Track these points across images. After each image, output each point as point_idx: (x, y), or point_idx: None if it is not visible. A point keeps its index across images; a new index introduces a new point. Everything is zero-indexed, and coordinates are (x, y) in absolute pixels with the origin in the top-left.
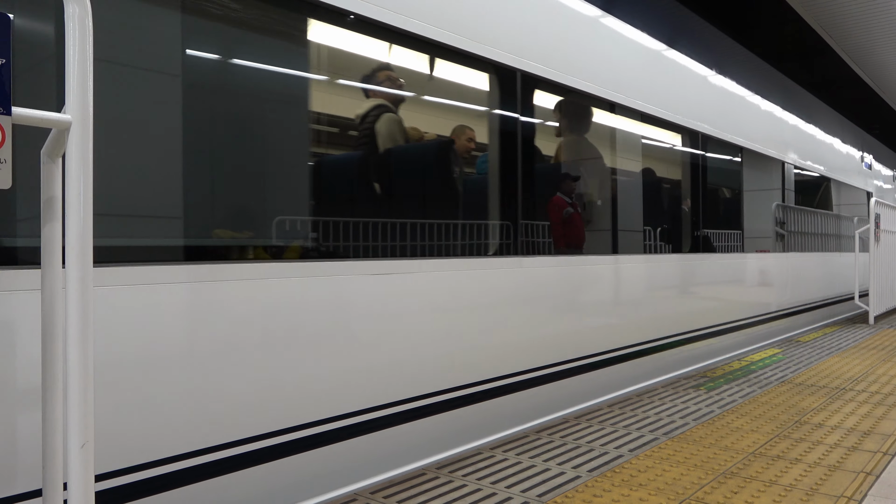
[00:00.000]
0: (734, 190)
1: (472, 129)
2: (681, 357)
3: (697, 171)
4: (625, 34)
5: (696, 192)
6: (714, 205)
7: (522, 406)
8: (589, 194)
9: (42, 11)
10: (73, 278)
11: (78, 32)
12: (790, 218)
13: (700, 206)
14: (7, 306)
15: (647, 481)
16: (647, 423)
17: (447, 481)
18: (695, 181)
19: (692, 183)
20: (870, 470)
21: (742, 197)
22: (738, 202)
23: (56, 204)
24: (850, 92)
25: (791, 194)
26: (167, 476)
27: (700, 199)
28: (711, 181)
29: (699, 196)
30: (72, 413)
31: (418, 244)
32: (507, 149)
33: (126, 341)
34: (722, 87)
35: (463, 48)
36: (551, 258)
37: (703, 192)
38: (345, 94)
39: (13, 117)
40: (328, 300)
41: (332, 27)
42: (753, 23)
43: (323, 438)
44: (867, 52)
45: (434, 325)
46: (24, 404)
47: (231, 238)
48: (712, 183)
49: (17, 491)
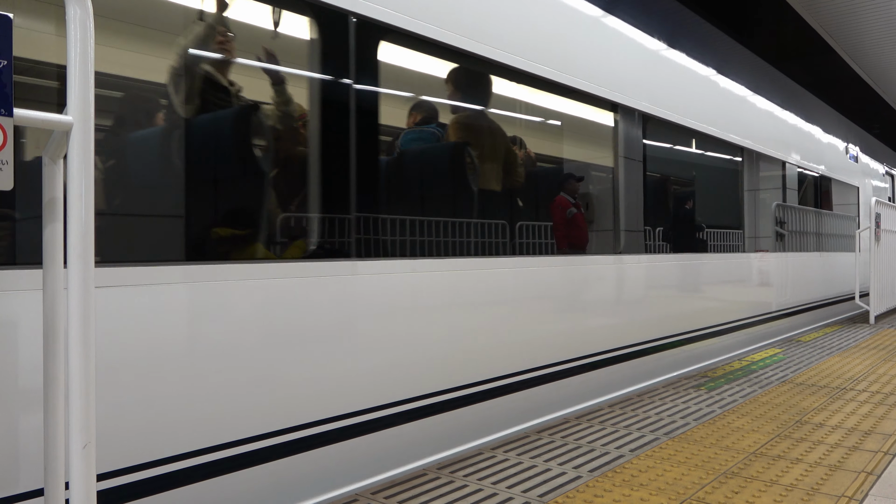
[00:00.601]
0: (672, 177)
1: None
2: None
3: (617, 152)
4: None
5: (625, 180)
6: (646, 195)
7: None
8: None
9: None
10: (74, 279)
11: (79, 34)
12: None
13: (623, 194)
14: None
15: (647, 481)
16: (647, 423)
17: (448, 481)
18: (616, 166)
19: (617, 167)
20: (871, 470)
21: (669, 189)
22: (665, 191)
23: (58, 205)
24: (850, 91)
25: (754, 191)
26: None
27: (635, 188)
28: (651, 169)
29: (635, 185)
30: (73, 414)
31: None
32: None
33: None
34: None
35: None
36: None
37: (634, 180)
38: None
39: (14, 119)
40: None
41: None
42: (753, 22)
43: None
44: (867, 52)
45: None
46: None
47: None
48: (653, 171)
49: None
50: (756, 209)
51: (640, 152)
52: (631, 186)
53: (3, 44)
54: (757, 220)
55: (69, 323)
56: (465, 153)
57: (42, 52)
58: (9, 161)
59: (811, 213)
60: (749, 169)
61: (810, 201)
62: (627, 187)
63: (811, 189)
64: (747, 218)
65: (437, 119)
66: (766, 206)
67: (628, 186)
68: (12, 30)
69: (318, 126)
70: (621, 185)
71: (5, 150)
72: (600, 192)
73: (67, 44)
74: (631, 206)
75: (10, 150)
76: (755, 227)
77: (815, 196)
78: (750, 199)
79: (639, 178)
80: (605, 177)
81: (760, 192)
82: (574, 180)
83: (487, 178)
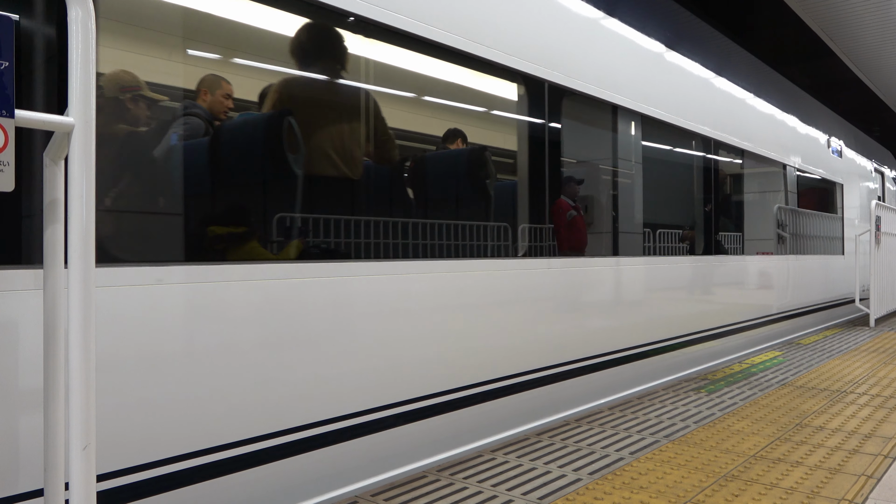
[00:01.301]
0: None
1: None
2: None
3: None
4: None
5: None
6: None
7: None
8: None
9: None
10: (75, 280)
11: (81, 35)
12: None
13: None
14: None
15: (647, 484)
16: (647, 426)
17: (448, 483)
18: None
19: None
20: (871, 473)
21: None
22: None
23: (59, 206)
24: (850, 94)
25: (709, 183)
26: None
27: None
28: (568, 154)
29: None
30: (74, 415)
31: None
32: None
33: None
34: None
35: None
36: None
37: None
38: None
39: (16, 120)
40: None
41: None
42: (752, 24)
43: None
44: (867, 54)
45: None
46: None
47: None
48: (569, 156)
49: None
50: (716, 204)
51: (557, 134)
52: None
53: (4, 45)
54: (717, 216)
55: (69, 324)
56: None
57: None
58: (10, 162)
59: (788, 212)
60: (705, 160)
61: (785, 198)
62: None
63: (785, 184)
64: (696, 214)
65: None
66: (728, 202)
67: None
68: (14, 31)
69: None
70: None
71: (6, 151)
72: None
73: (69, 45)
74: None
75: (12, 152)
76: (713, 224)
77: (788, 192)
78: (701, 193)
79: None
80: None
81: (722, 187)
82: (574, 183)
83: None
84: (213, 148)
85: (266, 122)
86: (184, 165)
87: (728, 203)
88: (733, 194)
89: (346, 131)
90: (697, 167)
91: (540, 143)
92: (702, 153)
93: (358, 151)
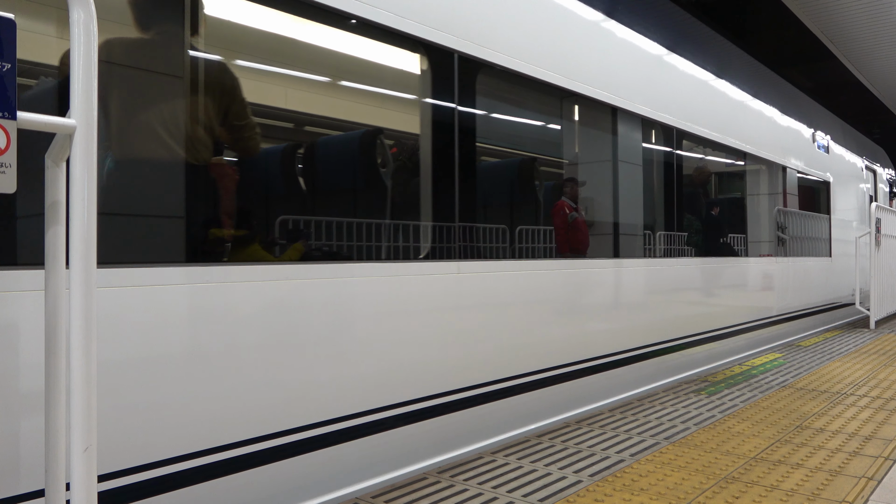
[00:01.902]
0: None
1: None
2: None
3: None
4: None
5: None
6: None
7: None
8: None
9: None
10: (76, 281)
11: (83, 37)
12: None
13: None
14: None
15: (648, 486)
16: (648, 428)
17: (448, 485)
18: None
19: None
20: (871, 475)
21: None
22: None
23: (60, 208)
24: (850, 96)
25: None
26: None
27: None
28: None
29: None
30: (75, 417)
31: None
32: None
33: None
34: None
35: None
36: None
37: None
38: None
39: (18, 122)
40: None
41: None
42: (753, 27)
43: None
44: (867, 57)
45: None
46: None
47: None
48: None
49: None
50: (674, 203)
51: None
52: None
53: (6, 47)
54: (679, 216)
55: (71, 326)
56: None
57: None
58: (12, 164)
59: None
60: (663, 153)
61: (764, 196)
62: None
63: (765, 181)
64: (645, 212)
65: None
66: (695, 201)
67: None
68: (16, 32)
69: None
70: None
71: (8, 153)
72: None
73: (71, 47)
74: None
75: (14, 154)
76: (672, 223)
77: (773, 188)
78: (662, 189)
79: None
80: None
81: (685, 185)
82: (575, 185)
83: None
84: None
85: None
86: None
87: (690, 203)
88: (691, 191)
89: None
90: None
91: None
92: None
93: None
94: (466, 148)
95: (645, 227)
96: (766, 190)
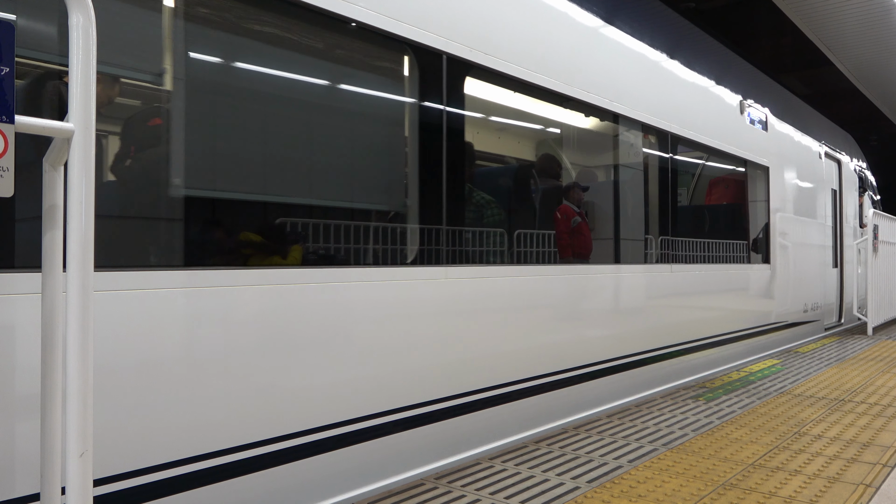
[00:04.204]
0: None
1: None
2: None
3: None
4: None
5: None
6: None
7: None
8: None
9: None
10: (74, 285)
11: (81, 42)
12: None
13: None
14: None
15: (646, 492)
16: (646, 434)
17: (446, 491)
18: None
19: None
20: (869, 482)
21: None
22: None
23: (58, 212)
24: (848, 103)
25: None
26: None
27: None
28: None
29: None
30: (71, 421)
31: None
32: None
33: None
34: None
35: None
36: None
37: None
38: None
39: (16, 126)
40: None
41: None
42: (752, 34)
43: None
44: (864, 64)
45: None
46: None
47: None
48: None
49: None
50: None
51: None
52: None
53: (5, 51)
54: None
55: (67, 330)
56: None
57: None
58: (9, 168)
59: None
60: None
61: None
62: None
63: (654, 161)
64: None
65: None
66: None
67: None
68: (14, 36)
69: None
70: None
71: (6, 156)
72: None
73: (70, 51)
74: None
75: (11, 157)
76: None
77: (662, 175)
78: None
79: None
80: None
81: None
82: (579, 189)
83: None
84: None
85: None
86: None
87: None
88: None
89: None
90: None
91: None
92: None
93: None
94: (468, 155)
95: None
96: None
